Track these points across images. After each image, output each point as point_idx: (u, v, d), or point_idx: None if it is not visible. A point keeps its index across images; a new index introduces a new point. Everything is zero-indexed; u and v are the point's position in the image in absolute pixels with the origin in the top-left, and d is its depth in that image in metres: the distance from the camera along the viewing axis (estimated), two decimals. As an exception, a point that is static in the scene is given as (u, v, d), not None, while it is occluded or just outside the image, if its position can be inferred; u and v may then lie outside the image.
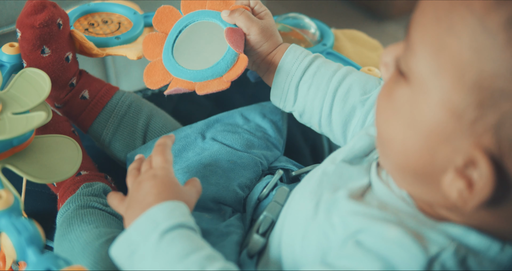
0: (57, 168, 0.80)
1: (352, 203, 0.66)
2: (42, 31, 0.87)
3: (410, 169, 0.61)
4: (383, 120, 0.63)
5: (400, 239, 0.60)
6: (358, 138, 0.75)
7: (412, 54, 0.59)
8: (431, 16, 0.58)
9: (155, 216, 0.68)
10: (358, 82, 0.85)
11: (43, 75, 0.83)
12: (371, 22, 2.31)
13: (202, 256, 0.65)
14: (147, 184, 0.72)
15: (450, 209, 0.62)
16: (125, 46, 0.96)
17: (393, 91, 0.61)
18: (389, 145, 0.62)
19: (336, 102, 0.85)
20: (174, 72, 0.87)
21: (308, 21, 1.03)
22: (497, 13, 0.54)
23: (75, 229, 0.81)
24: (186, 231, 0.67)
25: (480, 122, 0.55)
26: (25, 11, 0.87)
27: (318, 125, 0.88)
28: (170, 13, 0.90)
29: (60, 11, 0.89)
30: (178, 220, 0.68)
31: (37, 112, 0.78)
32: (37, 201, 0.94)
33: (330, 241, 0.65)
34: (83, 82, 0.94)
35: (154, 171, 0.74)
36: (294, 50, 0.87)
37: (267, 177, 0.86)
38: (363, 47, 1.05)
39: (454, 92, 0.55)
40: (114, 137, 0.94)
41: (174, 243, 0.66)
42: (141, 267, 0.66)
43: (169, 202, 0.69)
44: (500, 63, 0.53)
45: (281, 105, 0.89)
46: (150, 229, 0.67)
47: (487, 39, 0.54)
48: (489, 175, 0.55)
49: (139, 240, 0.67)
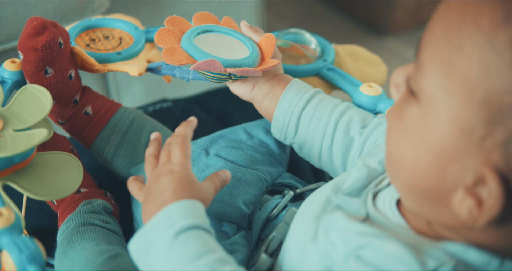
0: (59, 185, 0.79)
1: (353, 223, 0.66)
2: (44, 53, 0.86)
3: (420, 188, 0.62)
4: (393, 140, 0.64)
5: (398, 253, 0.61)
6: (356, 169, 0.76)
7: (422, 74, 0.60)
8: (440, 35, 0.59)
9: (172, 214, 0.69)
10: (358, 115, 0.87)
11: (45, 92, 0.83)
12: (372, 37, 2.32)
13: (213, 258, 0.66)
14: (164, 179, 0.73)
15: (453, 229, 0.62)
16: (126, 62, 0.96)
17: (403, 111, 0.62)
18: (400, 164, 0.63)
19: (337, 133, 0.86)
20: (203, 56, 0.86)
21: (308, 37, 1.03)
22: (504, 31, 0.55)
23: (76, 247, 0.81)
24: (201, 232, 0.68)
25: (489, 139, 0.55)
26: (26, 33, 0.86)
27: (318, 158, 0.88)
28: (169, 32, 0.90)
29: (60, 30, 0.89)
30: (194, 221, 0.68)
31: (39, 130, 0.78)
32: (38, 218, 0.93)
33: (333, 259, 0.66)
34: (86, 98, 0.94)
35: (172, 166, 0.75)
36: (298, 83, 0.89)
37: (276, 197, 0.86)
38: (363, 62, 1.05)
39: (463, 110, 0.56)
40: (117, 153, 0.94)
41: (188, 244, 0.67)
42: (154, 263, 0.67)
43: (187, 201, 0.70)
44: (508, 80, 0.54)
45: (281, 137, 0.90)
46: (166, 226, 0.68)
47: (495, 56, 0.55)
48: (498, 192, 0.56)
49: (155, 237, 0.68)
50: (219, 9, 1.63)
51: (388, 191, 0.71)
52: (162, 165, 0.76)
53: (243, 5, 1.67)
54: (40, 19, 0.87)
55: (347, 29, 2.36)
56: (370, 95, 0.92)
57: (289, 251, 0.72)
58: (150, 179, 0.76)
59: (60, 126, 0.96)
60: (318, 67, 1.00)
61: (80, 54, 0.91)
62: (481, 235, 0.61)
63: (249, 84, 0.90)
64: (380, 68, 1.05)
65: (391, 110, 0.66)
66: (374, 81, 1.01)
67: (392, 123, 0.65)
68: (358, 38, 2.30)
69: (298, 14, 2.42)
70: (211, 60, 0.82)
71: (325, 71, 0.99)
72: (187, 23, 0.91)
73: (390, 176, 0.67)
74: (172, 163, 0.76)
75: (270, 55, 0.89)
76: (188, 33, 0.89)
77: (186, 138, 0.78)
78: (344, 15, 2.41)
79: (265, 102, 0.89)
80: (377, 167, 0.75)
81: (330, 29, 2.34)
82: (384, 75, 1.03)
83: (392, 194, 0.70)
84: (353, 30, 2.35)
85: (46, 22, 0.87)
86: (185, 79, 0.94)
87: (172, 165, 0.75)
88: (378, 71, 1.04)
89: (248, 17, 1.70)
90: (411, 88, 0.61)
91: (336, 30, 2.34)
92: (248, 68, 0.85)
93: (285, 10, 2.43)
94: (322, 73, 1.00)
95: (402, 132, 0.62)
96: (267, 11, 2.19)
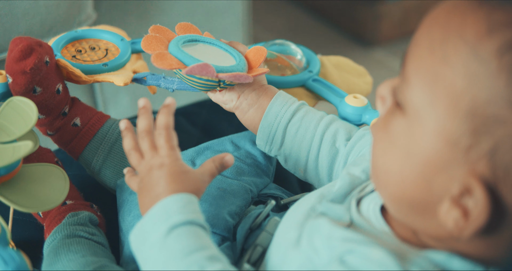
0: (45, 196, 0.79)
1: (338, 228, 0.66)
2: (33, 75, 0.86)
3: (406, 199, 0.62)
4: (379, 152, 0.64)
5: (383, 260, 0.61)
6: (340, 178, 0.76)
7: (408, 86, 0.60)
8: (425, 47, 0.59)
9: (168, 208, 0.69)
10: (343, 127, 0.88)
11: (30, 104, 0.83)
12: (358, 48, 2.33)
13: (205, 255, 0.66)
14: (155, 173, 0.73)
15: (439, 239, 0.62)
16: (112, 73, 0.96)
17: (389, 123, 0.62)
18: (386, 176, 0.63)
19: (324, 145, 0.87)
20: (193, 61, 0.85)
21: (294, 48, 1.03)
22: (489, 42, 0.55)
23: (62, 259, 0.81)
24: (196, 228, 0.69)
25: (474, 149, 0.56)
26: (13, 57, 0.85)
27: (304, 169, 0.89)
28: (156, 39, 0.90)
29: (45, 48, 0.88)
30: (190, 216, 0.69)
31: (24, 142, 0.77)
32: (25, 230, 0.93)
33: (315, 265, 0.66)
34: (75, 110, 0.94)
35: (161, 159, 0.74)
36: (283, 95, 0.90)
37: (259, 206, 0.86)
38: (349, 73, 1.05)
39: (449, 121, 0.57)
40: (105, 164, 0.94)
41: (181, 239, 0.67)
42: (149, 256, 0.68)
43: (184, 195, 0.71)
44: (492, 90, 0.55)
45: (267, 149, 0.90)
46: (162, 220, 0.69)
47: (480, 67, 0.55)
48: (485, 202, 0.56)
49: (151, 230, 0.69)
50: (206, 21, 1.63)
51: (372, 197, 0.71)
52: (151, 158, 0.75)
53: (230, 17, 1.68)
54: (25, 41, 0.85)
55: (334, 40, 2.37)
56: (355, 106, 0.92)
57: (271, 259, 0.72)
58: (142, 172, 0.75)
59: (49, 137, 0.96)
60: (304, 78, 1.00)
61: (66, 67, 0.91)
62: (466, 245, 0.61)
63: (234, 93, 0.90)
64: (366, 79, 1.05)
65: (376, 123, 0.66)
66: (360, 92, 1.01)
67: (377, 135, 0.65)
68: (345, 49, 2.31)
69: (285, 26, 2.43)
70: (205, 64, 0.82)
71: (310, 82, 1.00)
72: (171, 33, 0.92)
73: (376, 187, 0.68)
74: (161, 155, 0.75)
75: (258, 65, 0.89)
76: (175, 40, 0.89)
77: (169, 128, 0.77)
78: (331, 26, 2.43)
79: (251, 112, 0.90)
80: (361, 175, 0.76)
81: (317, 40, 2.35)
82: (369, 86, 1.04)
83: (376, 200, 0.70)
84: (340, 41, 2.37)
85: (31, 43, 0.85)
86: (170, 89, 0.94)
87: (161, 158, 0.75)
88: (363, 82, 1.04)
89: (235, 29, 1.70)
90: (397, 100, 0.62)
91: (323, 42, 2.35)
92: (241, 73, 0.85)
93: (272, 22, 2.44)
94: (307, 84, 1.00)
95: (388, 144, 0.62)
96: (254, 23, 2.19)
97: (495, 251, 0.61)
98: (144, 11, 1.52)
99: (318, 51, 1.10)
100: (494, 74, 0.55)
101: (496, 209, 0.57)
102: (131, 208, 0.88)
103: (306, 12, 2.49)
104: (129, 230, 0.86)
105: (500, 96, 0.55)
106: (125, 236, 0.87)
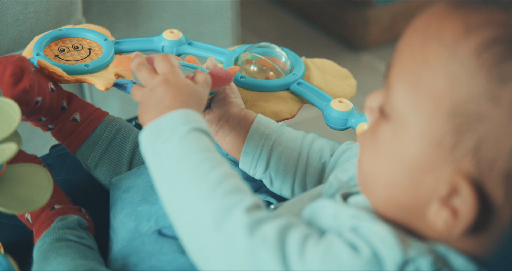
0: (29, 197, 0.78)
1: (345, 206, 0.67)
2: (33, 88, 0.86)
3: (395, 203, 0.63)
4: (366, 158, 0.66)
5: (384, 236, 0.61)
6: (328, 182, 0.77)
7: (391, 93, 0.62)
8: (406, 54, 0.61)
9: (188, 114, 0.70)
10: (327, 144, 0.89)
11: (13, 105, 0.80)
12: (347, 52, 2.34)
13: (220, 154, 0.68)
14: (160, 89, 0.74)
15: (429, 239, 0.63)
16: (95, 75, 0.96)
17: (376, 131, 0.64)
18: (374, 181, 0.64)
19: (310, 162, 0.88)
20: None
21: (278, 50, 1.02)
22: (466, 43, 0.58)
23: (52, 262, 0.82)
24: (210, 138, 0.70)
25: (459, 148, 0.57)
26: (7, 83, 0.84)
27: (291, 190, 0.89)
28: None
29: (26, 60, 0.87)
30: (208, 130, 0.71)
31: (8, 144, 0.77)
32: (14, 235, 0.93)
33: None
34: (75, 105, 0.95)
35: (165, 75, 0.75)
36: (264, 119, 0.90)
37: None
38: (332, 76, 1.05)
39: (432, 122, 0.58)
40: (101, 161, 0.95)
41: (201, 138, 0.68)
42: (162, 149, 0.68)
43: (196, 112, 0.72)
44: (472, 88, 0.57)
45: (251, 172, 0.90)
46: (182, 123, 0.69)
47: (459, 68, 0.57)
48: (472, 199, 0.57)
49: (168, 128, 0.69)
50: (195, 26, 1.64)
51: (361, 196, 0.71)
52: (151, 79, 0.76)
53: (219, 22, 1.68)
54: (9, 65, 0.84)
55: (323, 44, 2.38)
56: (340, 110, 0.93)
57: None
58: (144, 94, 0.75)
59: (50, 131, 0.95)
60: (289, 81, 1.00)
61: (47, 68, 0.90)
62: (457, 245, 0.62)
63: (214, 116, 0.90)
64: (349, 82, 1.05)
65: (364, 132, 0.67)
66: (343, 95, 1.01)
67: (365, 143, 0.66)
68: (333, 53, 2.32)
69: (274, 30, 2.44)
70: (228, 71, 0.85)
71: (295, 85, 1.00)
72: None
73: (364, 193, 0.68)
74: (163, 73, 0.76)
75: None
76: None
77: (168, 55, 0.79)
78: (319, 31, 2.44)
79: (232, 135, 0.89)
80: (348, 181, 0.76)
81: (306, 45, 2.36)
82: (353, 89, 1.04)
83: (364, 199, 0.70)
84: (328, 45, 2.38)
85: (18, 66, 0.85)
86: None
87: (164, 75, 0.76)
88: (347, 85, 1.04)
89: (224, 34, 1.71)
90: (383, 109, 0.63)
91: (311, 46, 2.36)
92: (217, 69, 0.84)
93: (261, 27, 2.45)
94: (292, 87, 1.00)
95: (376, 151, 0.64)
96: (243, 27, 2.20)
97: (485, 248, 0.61)
98: (133, 17, 1.53)
99: (308, 55, 1.10)
100: (473, 73, 0.57)
101: (484, 206, 0.58)
102: (123, 205, 0.88)
103: (295, 17, 2.50)
104: (120, 228, 0.86)
105: (480, 94, 0.57)
106: (115, 234, 0.87)
